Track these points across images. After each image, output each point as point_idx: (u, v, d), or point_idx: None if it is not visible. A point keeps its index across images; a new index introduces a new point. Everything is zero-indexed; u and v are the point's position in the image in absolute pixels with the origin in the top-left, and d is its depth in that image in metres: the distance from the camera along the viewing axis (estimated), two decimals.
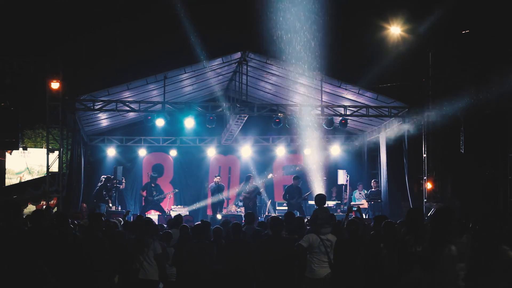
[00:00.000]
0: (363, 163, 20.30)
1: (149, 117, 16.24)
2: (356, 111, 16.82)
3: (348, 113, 16.79)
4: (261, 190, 17.74)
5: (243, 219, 14.55)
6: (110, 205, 16.74)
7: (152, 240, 7.92)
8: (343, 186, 18.74)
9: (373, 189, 17.82)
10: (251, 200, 17.00)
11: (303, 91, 17.47)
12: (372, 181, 18.09)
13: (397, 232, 8.25)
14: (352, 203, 18.35)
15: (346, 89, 16.45)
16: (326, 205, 9.99)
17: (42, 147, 19.22)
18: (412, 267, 6.64)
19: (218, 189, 17.71)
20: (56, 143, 15.85)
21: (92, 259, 7.23)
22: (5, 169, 19.01)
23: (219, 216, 16.30)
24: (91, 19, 22.99)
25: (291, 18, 16.08)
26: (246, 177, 17.61)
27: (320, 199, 9.68)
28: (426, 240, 6.91)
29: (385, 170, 17.86)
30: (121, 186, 17.89)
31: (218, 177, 18.01)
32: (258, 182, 17.86)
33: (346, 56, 20.77)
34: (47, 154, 15.36)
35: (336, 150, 20.46)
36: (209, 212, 18.30)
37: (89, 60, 21.56)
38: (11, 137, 15.28)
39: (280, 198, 18.57)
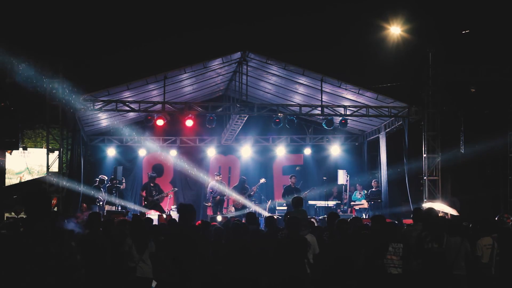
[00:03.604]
0: (363, 163, 20.30)
1: (149, 117, 16.24)
2: (356, 111, 16.82)
3: (348, 113, 16.79)
4: (252, 193, 17.75)
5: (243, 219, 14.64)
6: (101, 203, 16.70)
7: (148, 239, 7.98)
8: (343, 186, 18.74)
9: (373, 189, 17.80)
10: (240, 202, 17.14)
11: (303, 91, 17.48)
12: (373, 181, 18.07)
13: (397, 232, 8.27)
14: (352, 203, 18.37)
15: (346, 89, 16.44)
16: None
17: (42, 147, 19.21)
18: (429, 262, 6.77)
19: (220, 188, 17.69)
20: (56, 143, 15.84)
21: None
22: (5, 169, 18.99)
23: (219, 218, 16.29)
24: (91, 19, 22.99)
25: (291, 18, 16.13)
26: (240, 180, 17.68)
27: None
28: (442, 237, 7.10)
29: (385, 170, 17.85)
30: (122, 186, 17.87)
31: (219, 176, 17.95)
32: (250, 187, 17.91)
33: (346, 56, 20.81)
34: (47, 154, 15.37)
35: (336, 150, 20.45)
36: (209, 212, 18.28)
37: (89, 60, 21.56)
38: (11, 137, 15.25)
39: (279, 198, 18.57)
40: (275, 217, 11.66)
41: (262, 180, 18.28)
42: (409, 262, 7.41)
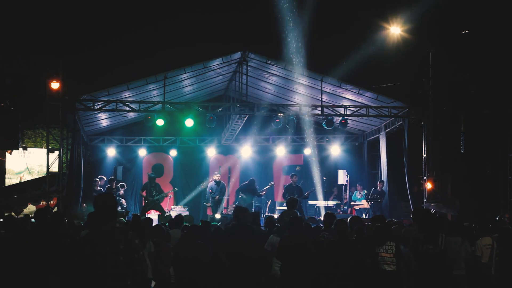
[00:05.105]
0: (363, 163, 20.30)
1: (149, 117, 16.23)
2: (356, 111, 16.82)
3: (348, 113, 16.79)
4: (262, 193, 17.72)
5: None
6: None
7: (147, 240, 7.97)
8: (343, 186, 18.74)
9: (377, 189, 17.71)
10: (246, 201, 17.03)
11: (303, 91, 17.48)
12: (378, 182, 17.96)
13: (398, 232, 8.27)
14: (352, 203, 18.37)
15: (346, 89, 16.45)
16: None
17: (42, 147, 19.21)
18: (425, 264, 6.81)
19: (220, 188, 17.67)
20: (56, 143, 15.84)
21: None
22: (5, 169, 18.99)
23: (218, 216, 16.29)
24: (91, 19, 23.00)
25: (291, 18, 16.10)
26: (250, 180, 17.59)
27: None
28: (437, 237, 7.16)
29: (385, 170, 17.85)
30: (120, 192, 17.65)
31: (218, 175, 17.93)
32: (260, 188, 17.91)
33: (346, 56, 20.79)
34: (47, 154, 15.35)
35: (336, 150, 20.46)
36: (209, 212, 18.30)
37: (89, 60, 21.57)
38: (11, 137, 15.28)
39: (280, 198, 18.57)
40: (275, 216, 11.67)
41: (271, 183, 18.30)
42: (401, 260, 7.41)
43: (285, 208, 16.48)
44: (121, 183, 17.97)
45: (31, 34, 21.36)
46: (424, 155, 16.30)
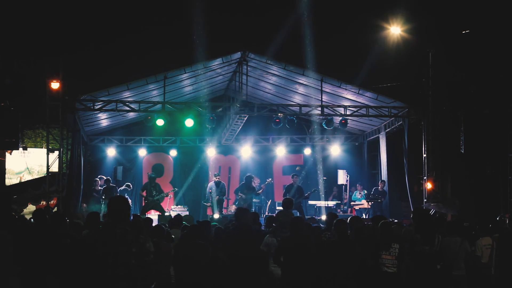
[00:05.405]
0: (363, 163, 20.30)
1: (149, 117, 16.24)
2: (356, 111, 16.82)
3: (348, 113, 16.79)
4: (260, 191, 17.70)
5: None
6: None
7: (146, 239, 7.96)
8: (343, 186, 18.74)
9: (379, 189, 17.70)
10: (246, 201, 16.99)
11: (303, 91, 17.48)
12: (380, 181, 17.95)
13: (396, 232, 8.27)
14: (352, 203, 18.37)
15: (346, 89, 16.45)
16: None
17: (42, 147, 19.22)
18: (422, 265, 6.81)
19: (220, 188, 17.65)
20: (56, 143, 15.85)
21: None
22: (5, 169, 18.98)
23: (216, 216, 16.28)
24: (91, 19, 22.99)
25: (291, 18, 16.13)
26: (245, 177, 17.56)
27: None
28: (433, 238, 7.14)
29: (385, 170, 17.85)
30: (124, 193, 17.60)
31: (218, 176, 17.96)
32: (256, 183, 17.87)
33: (346, 56, 20.80)
34: (47, 154, 15.36)
35: (336, 150, 20.45)
36: (209, 212, 18.29)
37: (89, 60, 21.56)
38: (11, 137, 15.25)
39: (280, 198, 18.56)
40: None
41: (269, 180, 18.30)
42: (403, 262, 7.40)
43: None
44: (126, 183, 18.01)
45: (31, 34, 21.35)
46: (424, 155, 16.31)
